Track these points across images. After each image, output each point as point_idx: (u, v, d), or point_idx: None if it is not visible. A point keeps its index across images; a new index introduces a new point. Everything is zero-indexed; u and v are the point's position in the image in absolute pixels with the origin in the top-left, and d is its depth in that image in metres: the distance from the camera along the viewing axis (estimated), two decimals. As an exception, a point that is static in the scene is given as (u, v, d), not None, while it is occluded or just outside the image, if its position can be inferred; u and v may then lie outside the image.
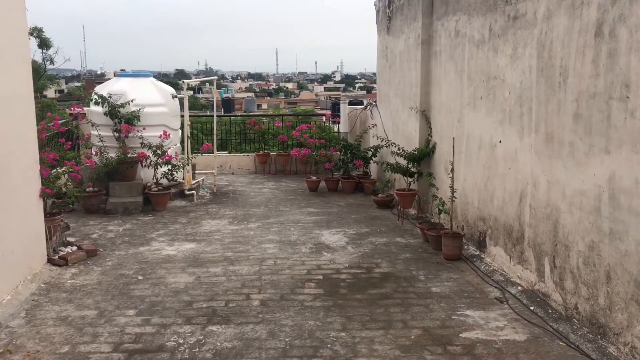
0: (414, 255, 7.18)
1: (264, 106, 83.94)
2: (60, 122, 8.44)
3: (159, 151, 9.35)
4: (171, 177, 9.81)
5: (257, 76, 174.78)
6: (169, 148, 9.53)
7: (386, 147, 10.00)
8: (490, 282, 6.19)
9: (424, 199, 8.78)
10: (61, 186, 6.87)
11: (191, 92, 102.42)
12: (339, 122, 13.08)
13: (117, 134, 9.43)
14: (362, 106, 12.81)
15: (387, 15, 10.66)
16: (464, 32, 7.41)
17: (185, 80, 10.48)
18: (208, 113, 61.16)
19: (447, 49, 8.02)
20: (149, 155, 9.35)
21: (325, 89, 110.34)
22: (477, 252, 7.01)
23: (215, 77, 11.93)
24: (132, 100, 9.52)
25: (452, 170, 7.17)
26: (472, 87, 7.21)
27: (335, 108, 14.13)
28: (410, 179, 8.91)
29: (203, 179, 11.23)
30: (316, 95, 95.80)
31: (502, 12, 6.33)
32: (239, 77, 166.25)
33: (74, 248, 7.14)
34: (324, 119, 13.39)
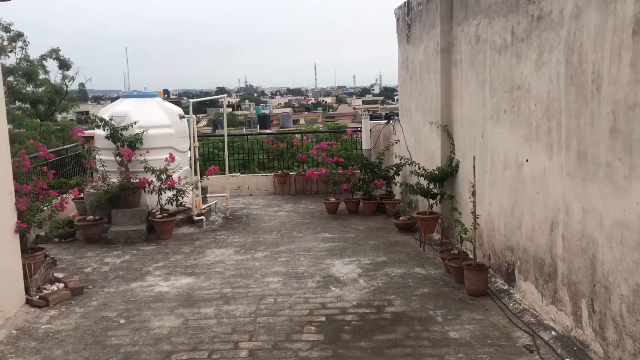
0: (433, 289, 6.35)
1: (301, 121, 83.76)
2: (65, 147, 7.97)
3: (162, 176, 8.79)
4: (179, 203, 9.24)
5: (296, 91, 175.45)
6: (174, 172, 8.96)
7: (408, 165, 9.22)
8: (520, 324, 5.32)
9: (447, 223, 7.93)
10: (41, 220, 6.32)
11: (230, 109, 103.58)
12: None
13: (120, 158, 8.92)
14: (386, 121, 12.03)
15: (407, 23, 9.91)
16: (485, 37, 6.60)
17: (190, 100, 9.93)
18: (244, 130, 61.35)
19: (468, 56, 7.22)
20: (152, 181, 8.80)
21: (364, 102, 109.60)
22: (506, 287, 6.14)
23: (225, 95, 11.36)
24: (135, 122, 9.01)
25: (474, 194, 6.33)
26: (494, 98, 6.38)
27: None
28: (432, 201, 8.09)
29: (215, 203, 10.64)
30: (354, 108, 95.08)
31: (525, 12, 5.51)
32: (278, 93, 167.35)
33: (61, 285, 6.58)
34: (344, 136, 12.60)
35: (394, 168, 10.10)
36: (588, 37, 4.38)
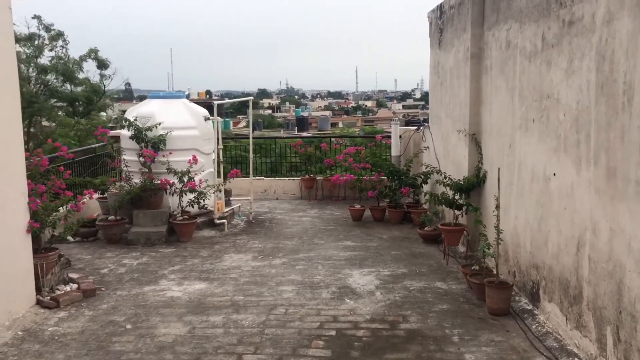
0: (452, 306, 6.06)
1: (340, 124, 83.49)
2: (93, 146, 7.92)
3: (184, 178, 8.71)
4: (201, 205, 9.15)
5: (337, 94, 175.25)
6: (196, 174, 8.87)
7: (436, 173, 8.92)
8: (541, 348, 5.00)
9: (473, 235, 7.60)
10: (55, 220, 6.28)
11: (270, 111, 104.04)
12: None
13: (143, 159, 8.88)
14: (416, 127, 11.72)
15: (439, 27, 9.61)
16: (515, 43, 6.28)
17: (215, 102, 9.84)
18: (282, 132, 61.51)
19: (498, 62, 6.90)
20: (173, 182, 8.74)
21: (404, 107, 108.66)
22: (530, 307, 5.79)
23: (251, 98, 11.23)
24: (159, 123, 8.96)
25: (498, 207, 6.01)
26: (523, 107, 6.05)
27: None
28: (457, 212, 7.77)
29: (239, 206, 10.52)
30: (394, 113, 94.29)
31: (556, 18, 5.18)
32: (318, 96, 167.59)
33: (74, 286, 6.54)
34: (374, 141, 12.32)
35: (422, 176, 9.79)
36: (620, 44, 4.05)
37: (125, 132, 9.19)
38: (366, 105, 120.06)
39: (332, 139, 13.04)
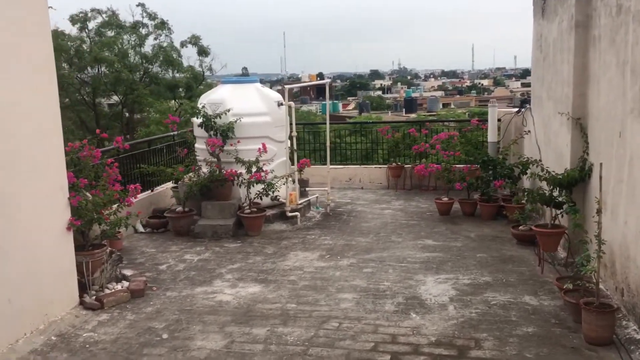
0: (540, 329, 5.01)
1: (452, 105, 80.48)
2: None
3: (252, 168, 8.17)
4: (274, 197, 8.60)
5: (451, 74, 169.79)
6: (264, 164, 8.29)
7: (536, 163, 7.73)
8: (650, 397, 3.89)
9: (573, 239, 6.39)
10: (101, 217, 5.93)
11: (381, 92, 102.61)
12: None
13: (209, 148, 8.45)
14: (516, 109, 10.40)
15: (542, -7, 8.28)
16: (628, 6, 5.02)
17: (286, 86, 9.19)
18: (389, 114, 60.14)
19: (608, 32, 5.63)
20: (240, 173, 8.23)
21: (523, 85, 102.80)
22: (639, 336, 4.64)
23: (329, 81, 10.47)
24: (228, 110, 8.48)
25: (599, 212, 4.85)
26: (636, 86, 4.82)
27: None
28: (555, 211, 6.59)
29: (317, 197, 9.86)
30: (511, 92, 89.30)
31: (682, -33, 3.94)
32: (432, 76, 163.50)
33: (125, 284, 6.22)
34: (469, 126, 11.09)
35: (520, 166, 8.56)
36: None
37: (195, 120, 8.81)
38: (482, 84, 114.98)
39: (426, 124, 11.93)
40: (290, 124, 9.10)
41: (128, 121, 19.13)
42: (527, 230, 7.47)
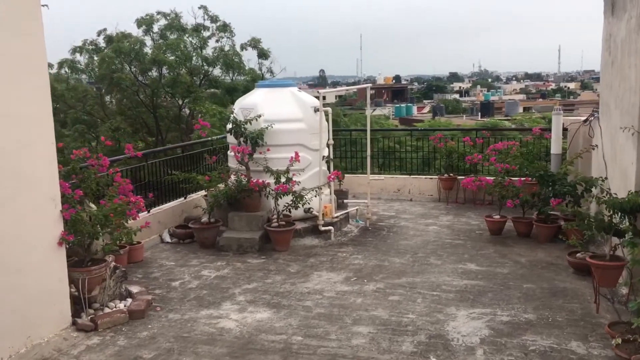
0: (582, 389, 4.15)
1: (533, 109, 76.86)
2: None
3: (281, 178, 7.62)
4: (306, 209, 8.02)
5: (536, 76, 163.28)
6: (294, 174, 7.71)
7: (597, 182, 6.76)
8: None
9: (636, 278, 5.39)
10: (99, 232, 5.54)
11: (458, 95, 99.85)
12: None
13: (240, 155, 7.97)
14: (584, 118, 9.31)
15: (612, -14, 7.24)
16: None
17: (320, 91, 8.55)
18: (464, 118, 58.08)
19: (682, 29, 4.66)
20: (268, 183, 7.70)
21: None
22: None
23: (369, 85, 9.73)
24: (259, 116, 7.97)
25: (659, 252, 3.93)
26: None
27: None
28: (616, 241, 5.62)
29: (357, 209, 9.19)
30: (598, 95, 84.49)
31: None
32: (514, 78, 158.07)
33: (129, 303, 5.82)
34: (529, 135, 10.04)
35: (583, 183, 7.54)
36: None
37: (228, 126, 8.36)
38: (568, 88, 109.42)
39: (477, 132, 10.99)
40: (328, 131, 8.48)
41: (187, 124, 19.07)
42: (584, 259, 6.49)
